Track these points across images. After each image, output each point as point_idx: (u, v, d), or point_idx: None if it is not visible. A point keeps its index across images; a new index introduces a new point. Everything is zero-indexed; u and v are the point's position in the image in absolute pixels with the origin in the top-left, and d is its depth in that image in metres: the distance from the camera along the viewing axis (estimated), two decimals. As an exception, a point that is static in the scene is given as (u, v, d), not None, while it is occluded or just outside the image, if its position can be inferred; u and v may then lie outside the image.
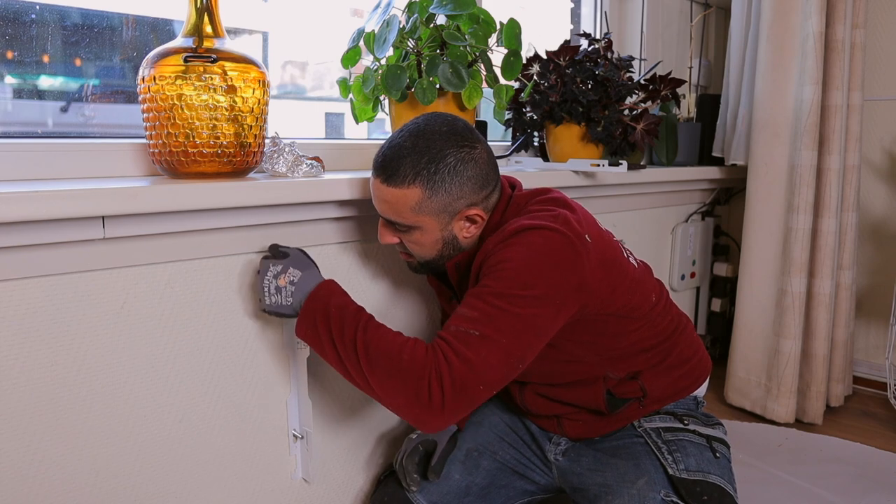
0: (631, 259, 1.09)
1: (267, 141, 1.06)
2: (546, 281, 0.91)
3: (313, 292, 0.96)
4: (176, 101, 0.91)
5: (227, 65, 0.93)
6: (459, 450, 1.18)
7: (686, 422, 1.11)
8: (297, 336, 0.98)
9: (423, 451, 1.13)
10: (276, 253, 1.00)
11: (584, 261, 0.94)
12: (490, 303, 0.89)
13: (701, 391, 1.17)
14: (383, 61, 1.16)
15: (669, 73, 1.58)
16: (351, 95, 1.23)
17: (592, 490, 1.07)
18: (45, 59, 1.08)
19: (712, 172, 2.03)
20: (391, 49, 1.13)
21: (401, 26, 1.13)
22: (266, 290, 0.98)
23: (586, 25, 2.06)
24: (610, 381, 1.08)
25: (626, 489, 1.02)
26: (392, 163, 0.94)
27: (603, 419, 1.12)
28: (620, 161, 1.43)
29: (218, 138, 0.94)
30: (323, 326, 0.93)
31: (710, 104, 2.07)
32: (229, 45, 0.96)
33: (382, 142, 0.99)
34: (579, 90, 1.45)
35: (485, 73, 1.19)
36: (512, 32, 1.18)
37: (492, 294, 0.90)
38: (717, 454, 1.07)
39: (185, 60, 0.90)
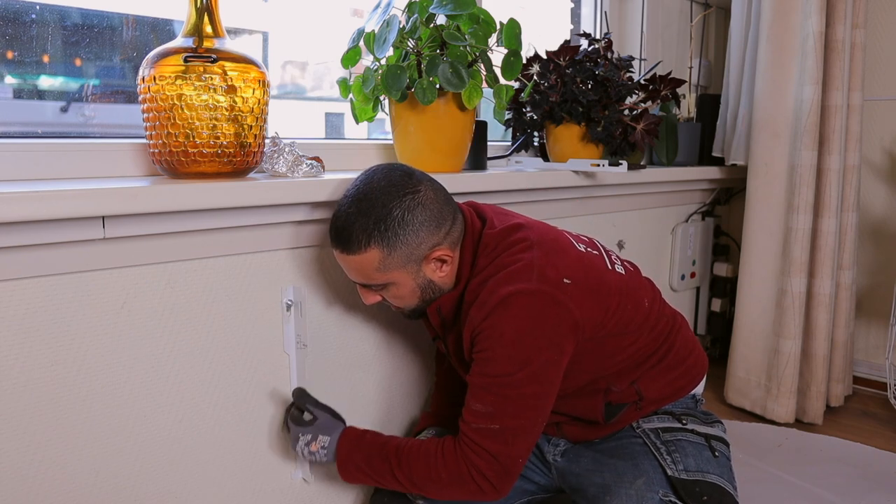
0: (616, 267, 1.08)
1: (267, 141, 1.06)
2: (542, 349, 0.94)
3: (339, 452, 1.04)
4: (176, 101, 0.91)
5: (227, 65, 0.93)
6: None
7: (684, 421, 1.11)
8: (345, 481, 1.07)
9: None
10: (304, 407, 1.08)
11: (571, 305, 0.95)
12: (497, 393, 0.94)
13: (699, 389, 1.17)
14: (383, 61, 1.16)
15: (669, 73, 1.58)
16: (351, 95, 1.23)
17: (591, 490, 1.07)
18: (45, 59, 1.08)
19: (712, 172, 2.03)
20: (391, 49, 1.13)
21: (401, 26, 1.13)
22: (301, 453, 1.07)
23: (586, 25, 2.06)
24: (612, 393, 1.09)
25: (623, 489, 1.02)
26: (343, 232, 0.94)
27: (600, 425, 1.12)
28: (620, 161, 1.43)
29: (218, 138, 0.94)
30: (364, 476, 1.03)
31: (710, 104, 2.07)
32: (229, 45, 0.96)
33: (380, 140, 0.99)
34: (579, 90, 1.45)
35: (485, 73, 1.19)
36: (512, 32, 1.18)
37: (496, 384, 0.94)
38: (717, 453, 1.07)
39: (185, 60, 0.90)
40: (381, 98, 1.22)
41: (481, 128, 1.38)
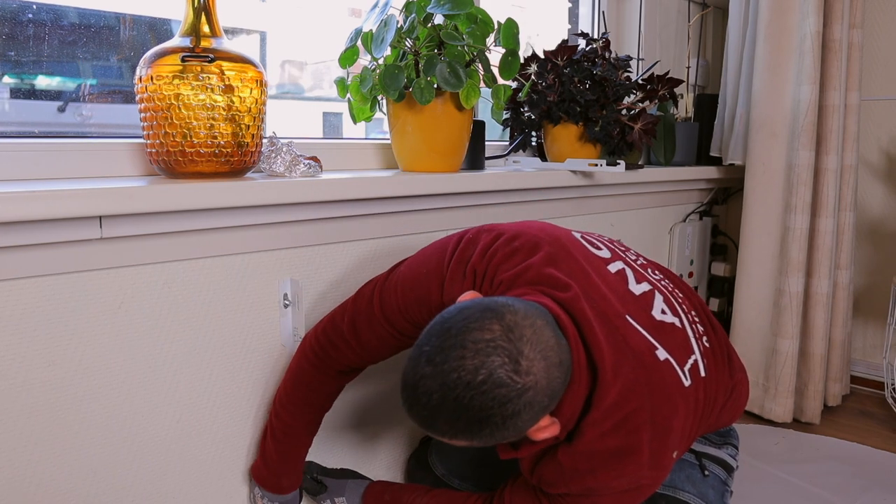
0: (701, 367, 0.88)
1: (264, 141, 1.05)
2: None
3: None
4: (173, 101, 0.91)
5: (225, 64, 0.93)
6: None
7: None
8: None
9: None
10: (315, 477, 1.13)
11: (662, 480, 0.86)
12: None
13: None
14: (381, 61, 1.16)
15: (667, 73, 1.58)
16: (349, 95, 1.23)
17: None
18: (43, 58, 1.08)
19: (710, 172, 2.03)
20: (389, 49, 1.13)
21: (398, 26, 1.13)
22: None
23: (584, 25, 2.06)
24: None
25: None
26: (422, 416, 0.75)
27: None
28: (618, 161, 1.43)
29: (215, 138, 0.93)
30: None
31: (707, 104, 2.07)
32: (227, 44, 0.96)
33: (378, 140, 0.98)
34: (577, 90, 1.45)
35: (482, 72, 1.19)
36: (510, 32, 1.18)
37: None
38: (707, 472, 1.05)
39: (183, 60, 0.90)
40: (379, 98, 1.22)
41: (479, 127, 1.38)
